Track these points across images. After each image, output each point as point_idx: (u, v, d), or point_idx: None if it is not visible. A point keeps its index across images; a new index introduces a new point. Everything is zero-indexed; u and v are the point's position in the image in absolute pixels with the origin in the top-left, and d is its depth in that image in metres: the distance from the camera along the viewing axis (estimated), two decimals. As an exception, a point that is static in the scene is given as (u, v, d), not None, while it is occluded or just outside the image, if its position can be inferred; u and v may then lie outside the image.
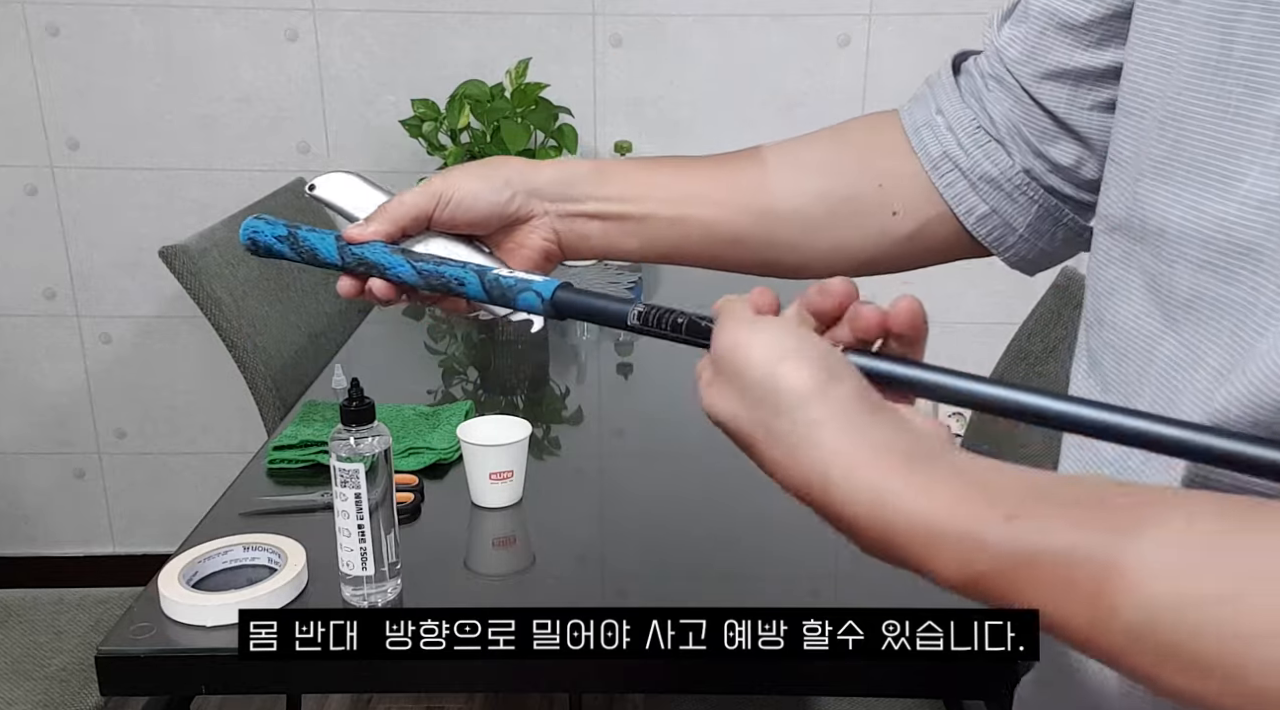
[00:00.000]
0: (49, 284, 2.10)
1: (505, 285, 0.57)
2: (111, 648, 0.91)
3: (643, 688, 1.07)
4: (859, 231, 0.64)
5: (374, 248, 0.60)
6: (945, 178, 0.62)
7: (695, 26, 1.99)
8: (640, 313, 0.50)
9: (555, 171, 0.64)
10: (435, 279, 0.59)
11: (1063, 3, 0.55)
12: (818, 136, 0.68)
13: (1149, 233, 0.46)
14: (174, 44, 1.98)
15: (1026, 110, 0.59)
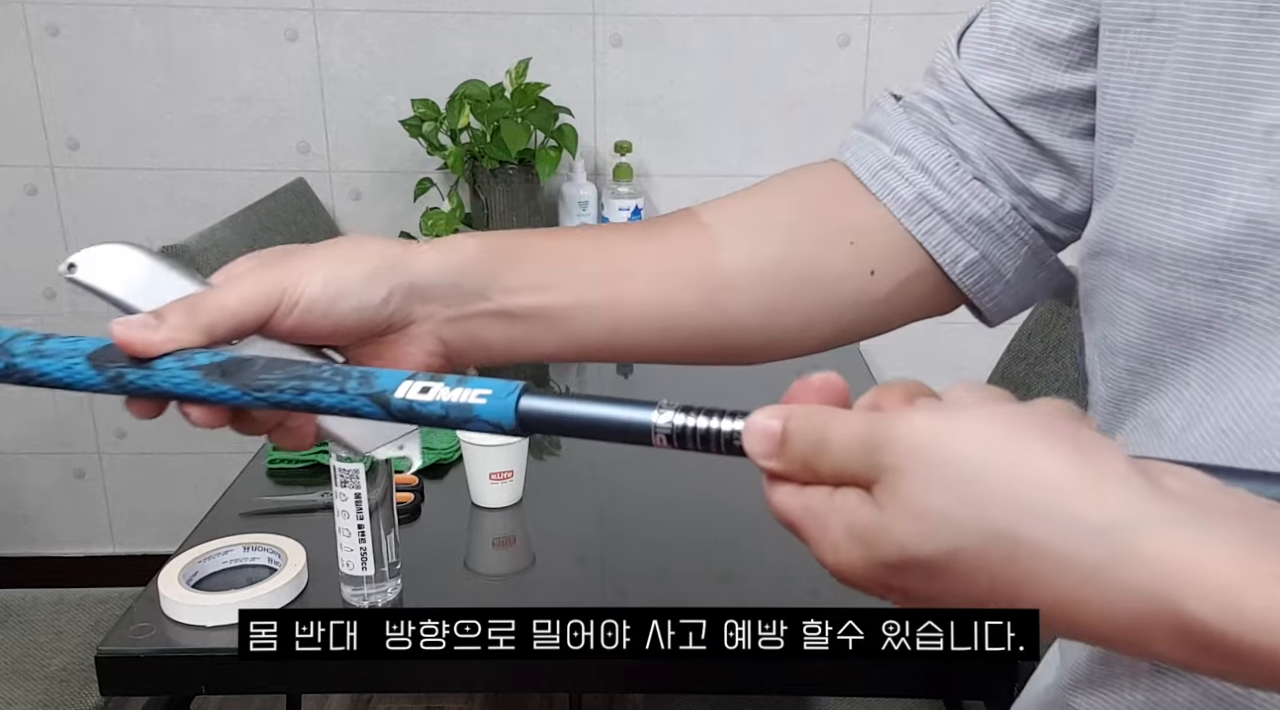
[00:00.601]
0: (49, 284, 2.10)
1: (426, 410, 0.38)
2: (111, 648, 0.91)
3: (643, 688, 1.07)
4: (831, 301, 0.54)
5: (165, 367, 0.42)
6: (924, 224, 0.54)
7: (695, 26, 1.99)
8: (676, 427, 0.36)
9: (440, 258, 0.47)
10: (295, 405, 0.41)
11: (1038, 20, 0.50)
12: (761, 191, 0.57)
13: (1139, 256, 0.44)
14: (174, 44, 1.98)
15: (1002, 140, 0.53)
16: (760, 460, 0.34)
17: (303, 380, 0.40)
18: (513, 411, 0.38)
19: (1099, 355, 0.49)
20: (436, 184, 1.94)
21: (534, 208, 1.90)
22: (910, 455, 0.31)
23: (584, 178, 1.96)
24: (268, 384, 0.41)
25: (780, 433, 0.34)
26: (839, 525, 0.32)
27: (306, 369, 0.41)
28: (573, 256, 0.51)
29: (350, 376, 0.40)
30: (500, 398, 0.38)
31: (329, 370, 0.41)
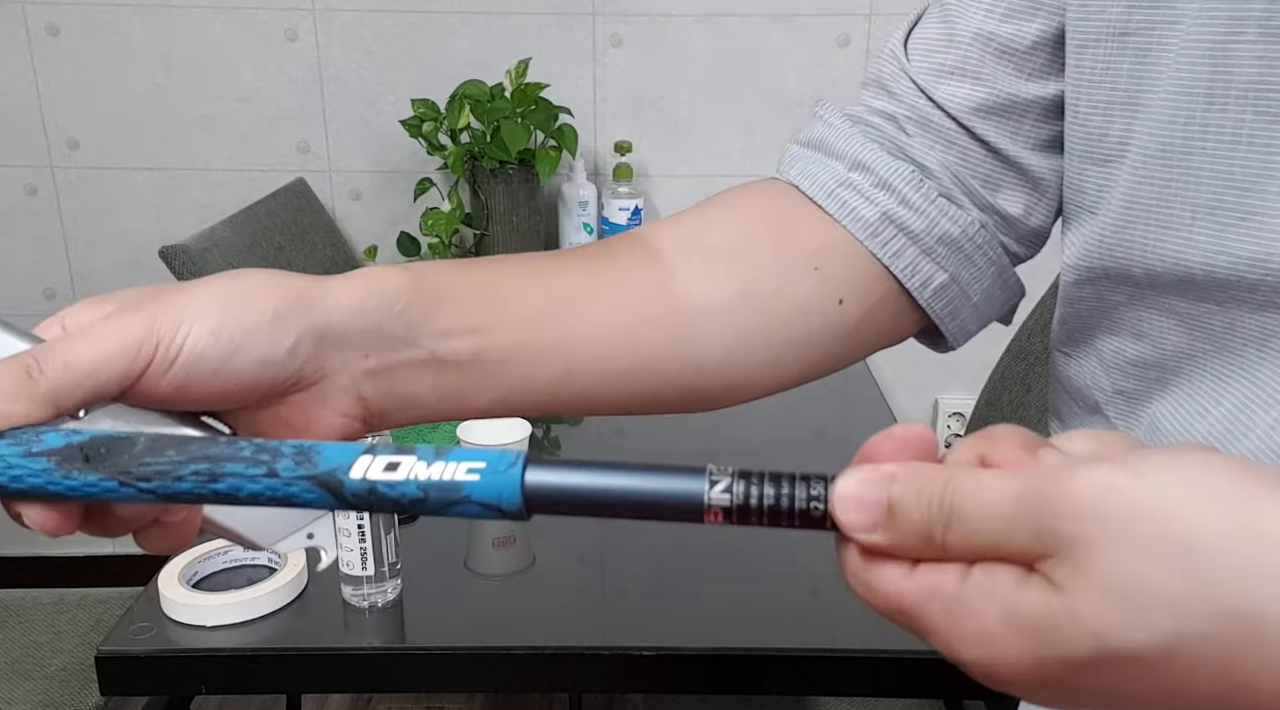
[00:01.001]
0: (49, 284, 2.10)
1: (395, 494, 0.30)
2: (111, 648, 0.91)
3: (642, 688, 1.07)
4: (799, 334, 0.49)
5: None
6: (890, 246, 0.49)
7: (695, 26, 1.99)
8: (737, 500, 0.29)
9: (356, 294, 0.39)
10: (200, 496, 0.31)
11: (998, 24, 0.47)
12: (710, 213, 0.51)
13: (1163, 281, 0.42)
14: (174, 44, 1.98)
15: (964, 154, 0.49)
16: (859, 535, 0.28)
17: (212, 463, 0.30)
18: (517, 488, 0.30)
19: (1106, 371, 0.48)
20: (436, 184, 1.94)
21: (534, 208, 1.90)
22: (1100, 521, 0.25)
23: (584, 178, 1.95)
24: (158, 470, 0.31)
25: (886, 500, 0.28)
26: (992, 614, 0.26)
27: (212, 446, 0.31)
28: (514, 290, 0.43)
29: (281, 454, 0.31)
30: (498, 471, 0.30)
31: (247, 446, 0.31)
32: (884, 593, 0.29)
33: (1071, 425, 0.53)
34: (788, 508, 0.29)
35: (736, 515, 0.29)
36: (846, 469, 0.29)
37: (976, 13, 0.48)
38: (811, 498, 0.29)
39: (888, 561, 0.28)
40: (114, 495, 0.31)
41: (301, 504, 0.31)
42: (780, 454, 1.30)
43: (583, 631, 0.97)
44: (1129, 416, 0.47)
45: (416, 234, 1.96)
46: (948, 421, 2.14)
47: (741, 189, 0.53)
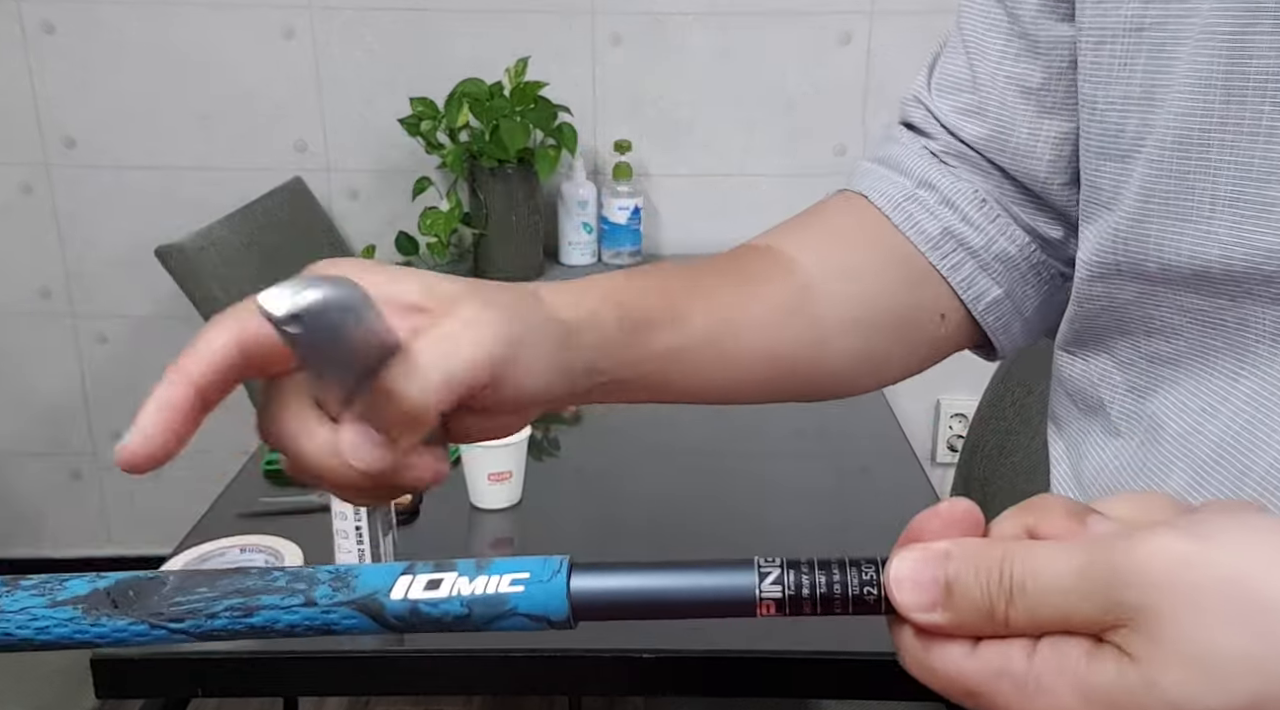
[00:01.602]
0: (44, 283, 2.09)
1: (438, 612, 0.30)
2: (107, 650, 0.90)
3: (642, 691, 1.07)
4: (908, 346, 0.53)
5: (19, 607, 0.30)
6: (950, 259, 0.52)
7: (695, 25, 1.98)
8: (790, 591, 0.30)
9: (592, 337, 0.41)
10: (235, 632, 0.31)
11: (1012, 65, 0.50)
12: (829, 222, 0.55)
13: (1178, 276, 0.42)
14: (170, 41, 1.98)
15: (1000, 185, 0.53)
16: (918, 616, 0.28)
17: (245, 596, 0.30)
18: (564, 597, 0.30)
19: (1120, 367, 0.48)
20: (435, 183, 1.94)
21: (533, 207, 1.89)
22: (1171, 590, 0.25)
23: (583, 177, 1.95)
24: (190, 609, 0.30)
25: (944, 579, 0.28)
26: (1065, 689, 0.26)
27: (244, 579, 0.30)
28: (686, 310, 0.46)
29: (316, 581, 0.30)
30: (542, 581, 0.30)
31: (281, 577, 0.30)
32: (947, 674, 0.28)
33: (1067, 429, 0.53)
34: (841, 595, 0.29)
35: (789, 607, 0.30)
36: (898, 550, 0.29)
37: (993, 54, 0.51)
38: (865, 583, 0.29)
39: (948, 641, 0.28)
40: (145, 638, 0.30)
41: (341, 631, 0.30)
42: (781, 452, 1.30)
43: (582, 634, 0.95)
44: (1133, 416, 0.47)
45: (415, 233, 1.95)
46: (950, 422, 2.13)
47: (838, 201, 0.56)
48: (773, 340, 0.49)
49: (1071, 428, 0.52)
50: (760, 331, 0.48)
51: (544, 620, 0.30)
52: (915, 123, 0.55)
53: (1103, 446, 0.49)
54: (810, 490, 1.23)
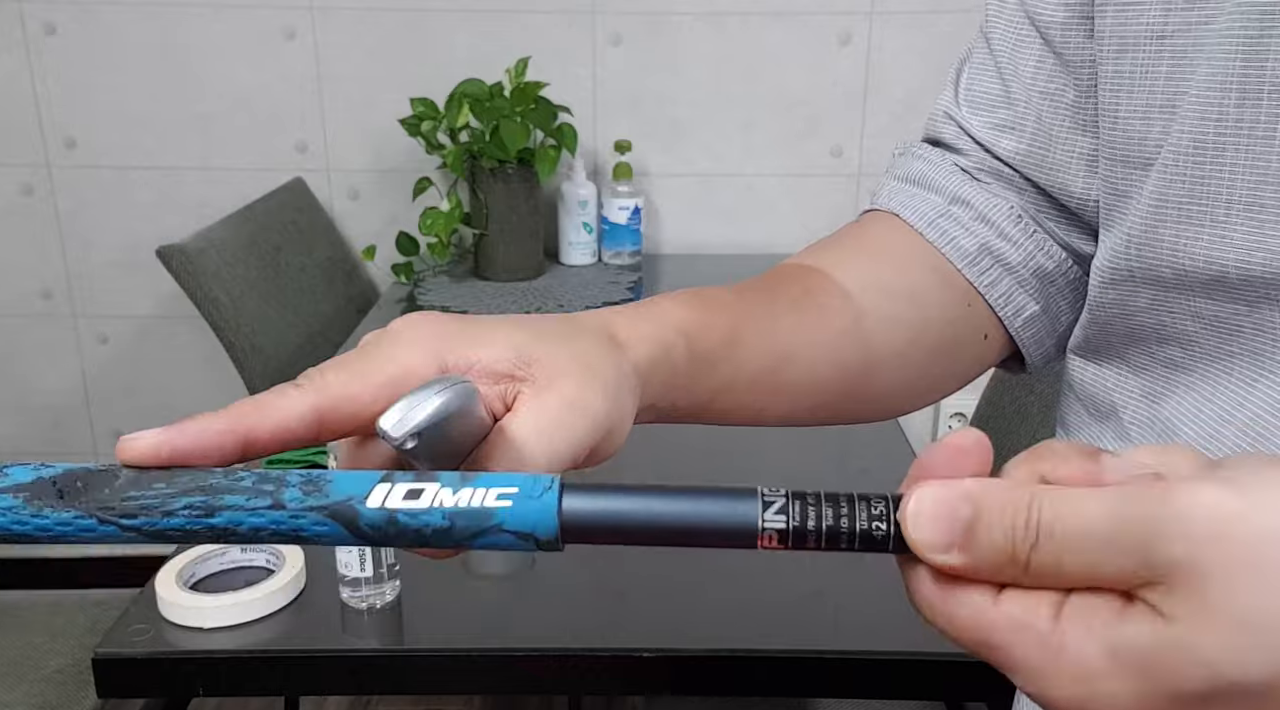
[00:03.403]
0: (45, 284, 2.09)
1: (418, 523, 0.28)
2: (108, 650, 0.90)
3: (643, 690, 1.07)
4: (954, 365, 0.53)
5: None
6: (988, 275, 0.52)
7: (695, 25, 1.98)
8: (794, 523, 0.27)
9: (660, 377, 0.40)
10: (193, 534, 0.28)
11: (1046, 82, 0.49)
12: (872, 243, 0.54)
13: (1194, 281, 0.42)
14: (171, 42, 1.98)
15: (1036, 201, 0.52)
16: (935, 555, 0.26)
17: (207, 495, 0.28)
18: (554, 515, 0.28)
19: (1135, 372, 0.48)
20: (435, 183, 1.94)
21: (533, 207, 1.89)
22: (1215, 545, 0.23)
23: (584, 177, 1.95)
24: (144, 504, 0.28)
25: (968, 517, 0.26)
26: (1092, 649, 0.25)
27: (206, 476, 0.28)
28: (747, 340, 0.44)
29: (286, 483, 0.28)
30: (532, 496, 0.28)
31: (248, 476, 0.28)
32: (966, 622, 0.27)
33: (1078, 434, 0.53)
34: (848, 530, 0.27)
35: (793, 539, 0.27)
36: (917, 486, 0.27)
37: (1025, 69, 0.50)
38: (874, 518, 0.27)
39: (969, 586, 0.26)
40: (91, 534, 0.28)
41: (310, 538, 0.28)
42: (780, 452, 1.30)
43: (583, 633, 0.96)
44: (1146, 422, 0.47)
45: (415, 233, 1.95)
46: (949, 422, 2.13)
47: (871, 223, 0.55)
48: (827, 368, 0.48)
49: (1082, 434, 0.52)
50: (816, 361, 0.47)
51: (530, 538, 0.28)
52: (945, 139, 0.55)
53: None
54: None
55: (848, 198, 2.07)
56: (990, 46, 0.53)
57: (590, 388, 0.34)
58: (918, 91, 1.99)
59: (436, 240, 1.89)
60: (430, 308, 1.79)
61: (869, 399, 0.50)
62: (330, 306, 1.90)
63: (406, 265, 1.96)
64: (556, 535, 0.28)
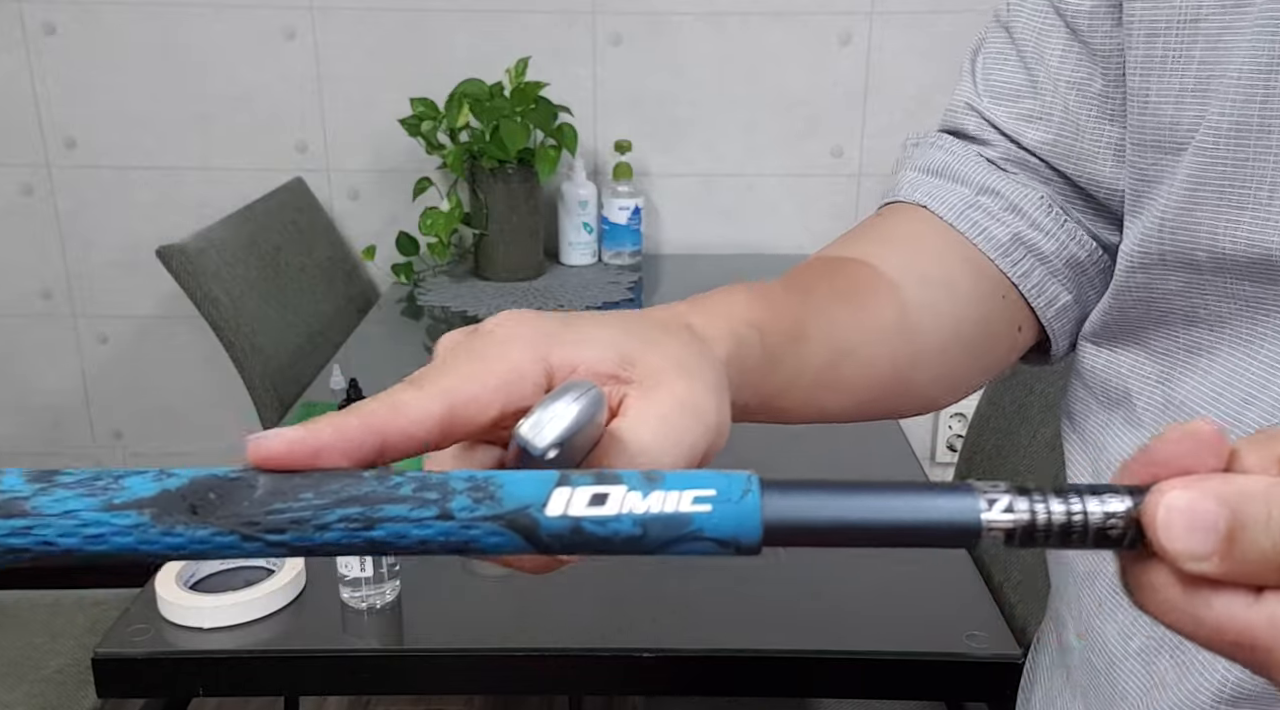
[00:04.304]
0: (45, 284, 2.09)
1: (604, 532, 0.26)
2: (108, 649, 0.90)
3: (642, 690, 1.07)
4: (990, 358, 0.52)
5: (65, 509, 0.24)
6: (1021, 266, 0.51)
7: (695, 25, 1.98)
8: (1021, 520, 0.25)
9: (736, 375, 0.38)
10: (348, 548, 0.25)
11: (1073, 71, 0.48)
12: (914, 237, 0.53)
13: (1232, 264, 0.41)
14: (171, 42, 1.98)
15: (1062, 190, 0.52)
16: (1190, 564, 0.24)
17: (365, 506, 0.25)
18: (757, 520, 0.25)
19: (1152, 357, 0.47)
20: (435, 183, 1.94)
21: (533, 207, 1.89)
22: None
23: (584, 177, 1.95)
24: (294, 518, 0.25)
25: (1228, 525, 0.24)
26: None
27: (359, 484, 0.25)
28: (809, 334, 0.44)
29: (452, 490, 0.25)
30: (731, 499, 0.25)
31: (405, 482, 0.25)
32: (1218, 625, 0.25)
33: (1084, 424, 0.52)
34: (1080, 527, 0.25)
35: (1020, 537, 0.25)
36: (1162, 490, 0.25)
37: (1051, 59, 0.50)
38: (1109, 516, 0.25)
39: (1226, 590, 0.25)
40: (234, 552, 0.25)
41: (482, 551, 0.26)
42: (780, 453, 1.30)
43: (582, 633, 0.96)
44: (1160, 407, 0.47)
45: (415, 233, 1.95)
46: (949, 422, 2.13)
47: (898, 215, 0.54)
48: (881, 362, 0.47)
49: (1090, 422, 0.52)
50: (871, 355, 0.47)
51: (731, 545, 0.26)
52: (968, 131, 0.54)
53: (1125, 440, 0.49)
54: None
55: (848, 198, 2.07)
56: (1013, 36, 0.52)
57: (698, 388, 0.33)
58: (918, 91, 1.99)
59: (436, 240, 1.89)
60: (430, 307, 1.80)
61: (913, 392, 0.50)
62: (330, 306, 1.90)
63: (406, 265, 1.96)
64: (759, 540, 0.26)
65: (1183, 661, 0.44)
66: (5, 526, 0.24)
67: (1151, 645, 0.46)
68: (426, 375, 0.31)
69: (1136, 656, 0.46)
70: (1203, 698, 0.43)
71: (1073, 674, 0.53)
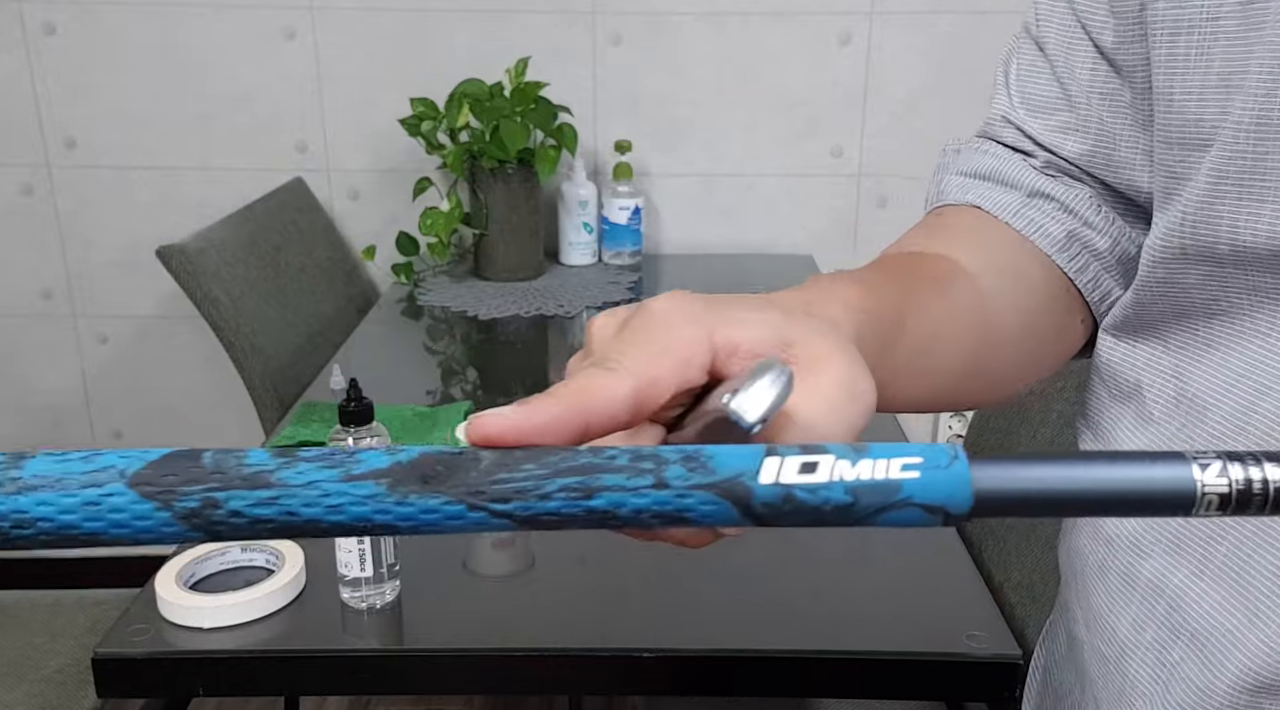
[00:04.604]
0: (45, 284, 2.09)
1: (817, 500, 0.26)
2: (108, 650, 0.90)
3: (642, 690, 1.07)
4: (1056, 348, 0.53)
5: (307, 480, 0.26)
6: (1077, 261, 0.53)
7: (695, 25, 1.98)
8: (1238, 486, 0.25)
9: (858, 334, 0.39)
10: (571, 518, 0.26)
11: (1104, 82, 0.49)
12: (979, 232, 0.53)
13: (1254, 257, 0.42)
14: (171, 42, 1.98)
15: (1103, 195, 0.53)
16: None
17: (583, 475, 0.26)
18: (967, 485, 0.26)
19: (1167, 350, 0.48)
20: (435, 183, 1.94)
21: (533, 207, 1.89)
22: None
23: (584, 177, 1.95)
24: (518, 488, 0.26)
25: None
26: None
27: (576, 456, 0.26)
28: (906, 322, 0.44)
29: (665, 461, 0.26)
30: (939, 466, 0.26)
31: (620, 454, 0.26)
32: None
33: (1098, 418, 0.53)
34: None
35: (1236, 504, 0.25)
36: None
37: (1082, 73, 0.51)
38: None
39: None
40: (459, 522, 0.26)
41: (695, 520, 0.26)
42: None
43: (582, 633, 0.96)
44: (1172, 400, 0.47)
45: (415, 233, 1.95)
46: (949, 422, 2.13)
47: (957, 215, 0.54)
48: (964, 350, 0.48)
49: (1103, 416, 0.52)
50: (956, 342, 0.47)
51: (940, 512, 0.26)
52: (1006, 142, 0.55)
53: (1136, 433, 0.49)
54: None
55: (848, 198, 2.07)
56: (1044, 49, 0.53)
57: (856, 369, 0.33)
58: (918, 91, 1.99)
59: (436, 240, 1.89)
60: (430, 307, 1.80)
61: (988, 381, 0.51)
62: (330, 306, 1.90)
63: (406, 265, 1.96)
64: (970, 508, 0.26)
65: (1199, 652, 0.44)
66: (252, 497, 0.26)
67: (1165, 636, 0.46)
68: (609, 357, 0.31)
69: (1149, 647, 0.47)
70: (1221, 687, 0.43)
71: (1081, 666, 0.53)
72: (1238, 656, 0.42)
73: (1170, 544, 0.45)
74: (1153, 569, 0.46)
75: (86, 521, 0.25)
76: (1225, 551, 0.43)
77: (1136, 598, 0.47)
